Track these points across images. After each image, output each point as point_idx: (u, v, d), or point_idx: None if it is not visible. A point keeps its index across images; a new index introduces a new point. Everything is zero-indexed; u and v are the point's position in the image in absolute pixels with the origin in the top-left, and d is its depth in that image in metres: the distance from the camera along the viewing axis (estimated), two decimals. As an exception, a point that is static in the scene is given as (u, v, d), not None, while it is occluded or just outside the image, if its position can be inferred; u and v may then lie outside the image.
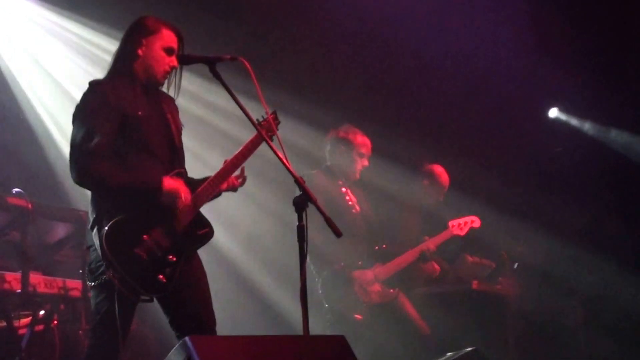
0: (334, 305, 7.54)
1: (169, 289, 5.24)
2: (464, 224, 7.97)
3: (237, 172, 5.62)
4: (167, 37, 5.51)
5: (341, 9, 9.42)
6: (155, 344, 6.86)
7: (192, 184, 5.49)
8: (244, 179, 5.68)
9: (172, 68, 5.54)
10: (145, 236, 5.20)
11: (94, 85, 5.46)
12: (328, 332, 7.27)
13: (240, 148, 5.59)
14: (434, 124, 9.56)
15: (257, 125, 5.21)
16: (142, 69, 5.50)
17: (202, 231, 5.45)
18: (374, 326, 7.46)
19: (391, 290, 7.72)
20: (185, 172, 5.54)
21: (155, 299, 5.34)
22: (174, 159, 5.55)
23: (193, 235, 5.42)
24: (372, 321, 7.51)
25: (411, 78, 9.76)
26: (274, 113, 5.66)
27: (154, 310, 5.69)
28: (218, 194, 5.60)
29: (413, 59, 9.66)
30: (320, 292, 7.56)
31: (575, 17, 9.24)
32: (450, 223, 7.99)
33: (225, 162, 5.55)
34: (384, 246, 7.85)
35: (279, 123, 5.75)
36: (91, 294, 5.40)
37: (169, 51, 5.50)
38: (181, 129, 5.68)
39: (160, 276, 5.20)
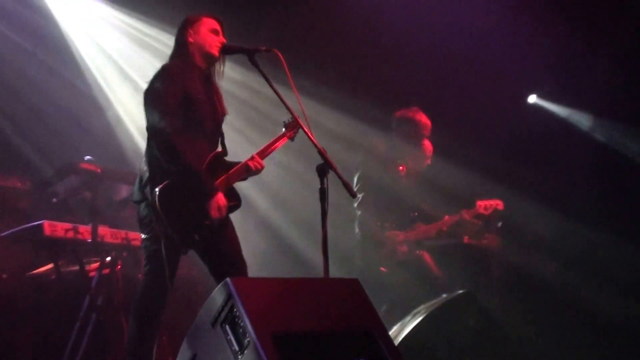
0: (364, 256, 7.54)
1: (202, 247, 5.32)
2: (490, 205, 7.88)
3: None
4: (209, 22, 5.59)
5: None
6: (202, 286, 6.88)
7: (227, 165, 5.55)
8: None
9: (222, 43, 5.55)
10: (189, 200, 5.25)
11: (165, 69, 5.50)
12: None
13: (267, 143, 5.69)
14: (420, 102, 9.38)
15: (291, 109, 5.25)
16: (197, 52, 5.54)
17: (233, 203, 5.50)
18: (395, 279, 7.47)
19: (417, 252, 7.72)
20: (225, 153, 5.59)
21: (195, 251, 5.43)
22: (217, 139, 5.61)
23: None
24: (394, 274, 7.52)
25: (397, 61, 9.53)
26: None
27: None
28: (245, 178, 5.63)
29: (396, 45, 9.40)
30: (357, 241, 7.56)
31: (554, 5, 9.02)
32: (478, 202, 7.92)
33: (253, 155, 5.60)
34: (416, 213, 7.82)
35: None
36: (142, 244, 5.48)
37: (214, 32, 5.56)
38: (225, 114, 5.72)
39: (196, 236, 5.27)
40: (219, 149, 5.58)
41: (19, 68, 8.71)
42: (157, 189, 5.15)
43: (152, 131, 5.33)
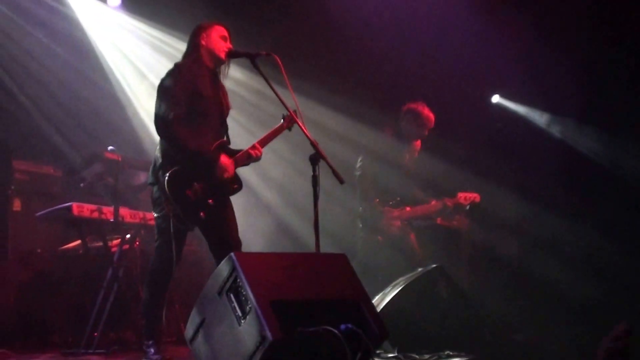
0: (365, 226, 7.52)
1: (206, 224, 5.31)
2: (468, 197, 7.85)
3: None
4: (219, 29, 5.57)
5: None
6: (208, 261, 6.87)
7: (231, 152, 5.55)
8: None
9: (229, 49, 5.54)
10: (195, 183, 5.25)
11: (177, 66, 5.49)
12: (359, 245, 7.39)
13: (267, 132, 5.67)
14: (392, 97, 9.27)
15: (287, 106, 5.24)
16: (207, 54, 5.52)
17: (235, 186, 5.53)
18: (386, 249, 7.49)
19: (408, 229, 7.70)
20: (228, 142, 5.59)
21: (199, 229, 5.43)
22: (222, 130, 5.60)
23: (228, 188, 5.49)
24: (387, 244, 7.53)
25: (374, 60, 9.38)
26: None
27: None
28: (247, 163, 5.62)
29: (367, 41, 9.22)
30: (359, 213, 7.54)
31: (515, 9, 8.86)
32: (459, 193, 7.90)
33: (254, 144, 5.59)
34: (417, 194, 7.81)
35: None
36: (155, 222, 5.46)
37: (223, 38, 5.54)
38: (229, 109, 5.71)
39: (202, 213, 5.26)
40: (223, 139, 5.58)
41: (53, 70, 8.69)
42: (167, 174, 5.16)
43: (157, 119, 5.33)
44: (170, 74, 5.44)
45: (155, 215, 5.42)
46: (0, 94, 8.44)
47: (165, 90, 5.34)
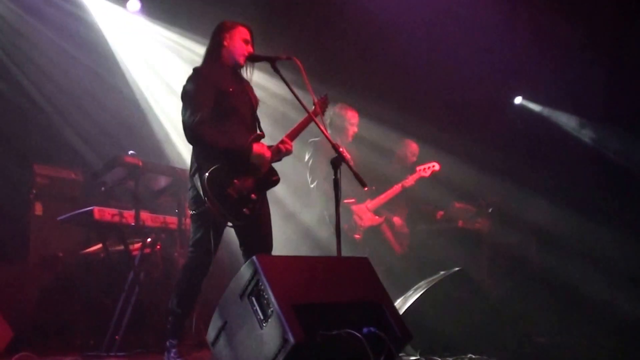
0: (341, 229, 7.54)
1: (250, 219, 5.30)
2: (428, 168, 7.97)
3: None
4: (243, 32, 5.56)
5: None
6: (229, 265, 6.88)
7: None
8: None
9: (250, 53, 5.54)
10: (235, 180, 5.25)
11: (196, 70, 5.50)
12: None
13: (295, 126, 5.66)
14: (419, 102, 9.28)
15: (306, 108, 5.22)
16: (228, 55, 5.52)
17: (274, 178, 5.52)
18: (369, 244, 7.51)
19: (377, 217, 7.78)
20: (263, 135, 5.56)
21: (233, 228, 5.40)
22: (255, 124, 5.60)
23: (268, 180, 5.48)
24: (367, 240, 7.57)
25: (399, 62, 9.43)
26: (325, 96, 5.79)
27: (229, 239, 5.74)
28: (279, 159, 5.59)
29: (389, 41, 9.31)
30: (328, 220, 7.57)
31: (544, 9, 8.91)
32: (417, 167, 8.01)
33: (283, 138, 5.58)
34: (373, 187, 7.84)
35: (326, 105, 5.82)
36: (191, 219, 5.46)
37: (245, 41, 5.54)
38: (258, 102, 5.71)
39: (245, 209, 5.26)
40: (258, 132, 5.56)
41: (74, 76, 8.75)
42: (206, 174, 5.16)
43: (184, 127, 5.33)
44: (190, 79, 5.44)
45: (192, 212, 5.40)
46: (20, 99, 8.50)
47: (187, 96, 5.35)
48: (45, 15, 8.52)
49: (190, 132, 5.24)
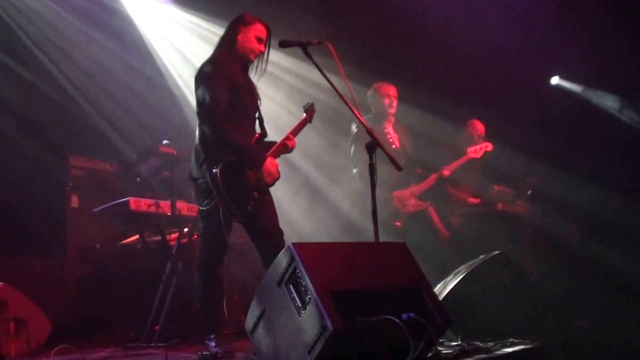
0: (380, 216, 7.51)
1: (253, 215, 5.32)
2: (480, 148, 7.92)
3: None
4: (259, 29, 5.61)
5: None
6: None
7: (267, 145, 5.61)
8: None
9: (260, 53, 5.62)
10: (242, 176, 5.29)
11: (213, 59, 5.52)
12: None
13: (298, 122, 5.83)
14: (462, 85, 9.20)
15: (339, 92, 5.18)
16: (240, 50, 5.57)
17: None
18: (410, 231, 7.47)
19: (422, 203, 7.73)
20: (265, 134, 5.63)
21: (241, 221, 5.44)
22: (256, 121, 5.65)
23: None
24: (408, 227, 7.53)
25: (432, 43, 9.35)
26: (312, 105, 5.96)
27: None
28: (284, 153, 5.69)
29: (421, 21, 9.18)
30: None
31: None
32: (468, 149, 7.94)
33: (288, 135, 5.69)
34: (418, 171, 7.80)
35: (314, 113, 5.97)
36: (199, 214, 5.53)
37: (259, 39, 5.58)
38: (260, 100, 5.74)
39: (249, 207, 5.29)
40: (260, 131, 5.63)
41: (107, 67, 8.83)
42: (217, 169, 5.20)
43: (202, 111, 5.37)
44: (207, 64, 5.49)
45: (200, 207, 5.44)
46: (55, 92, 8.58)
47: (206, 82, 5.38)
48: (77, 7, 8.58)
49: (214, 121, 5.28)
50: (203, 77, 5.41)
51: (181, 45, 9.24)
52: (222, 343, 5.44)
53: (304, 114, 5.87)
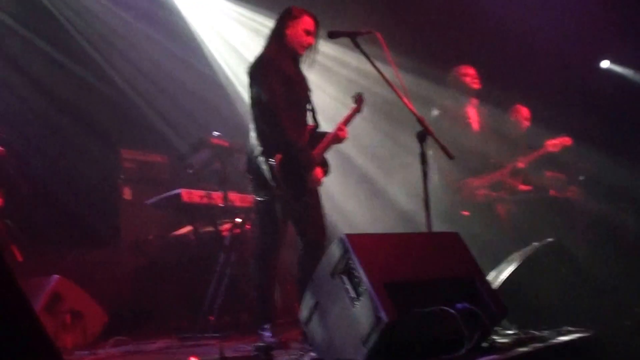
0: (446, 202, 7.47)
1: (308, 207, 5.38)
2: (558, 143, 7.80)
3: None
4: (307, 22, 5.60)
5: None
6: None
7: (319, 136, 5.63)
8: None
9: (310, 45, 5.61)
10: (298, 170, 5.34)
11: (264, 56, 5.55)
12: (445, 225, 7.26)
13: (346, 115, 5.75)
14: (501, 68, 9.09)
15: (390, 82, 5.17)
16: (289, 44, 5.57)
17: (325, 169, 5.60)
18: (476, 220, 7.43)
19: (492, 193, 7.66)
20: (317, 126, 5.65)
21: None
22: (307, 114, 5.65)
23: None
24: (476, 216, 7.48)
25: (478, 26, 9.21)
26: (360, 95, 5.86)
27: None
28: (335, 144, 5.69)
29: (467, 5, 9.11)
30: (440, 194, 7.50)
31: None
32: (546, 142, 7.82)
33: (340, 125, 5.67)
34: (492, 160, 7.73)
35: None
36: (256, 206, 5.59)
37: (307, 32, 5.58)
38: (311, 91, 5.76)
39: (305, 198, 5.35)
40: (313, 123, 5.64)
41: (156, 59, 8.88)
42: (274, 161, 5.23)
43: (259, 109, 5.41)
44: (260, 60, 5.53)
45: (257, 199, 5.49)
46: (105, 85, 8.67)
47: (261, 80, 5.42)
48: (128, 3, 8.65)
49: (271, 114, 5.32)
50: (256, 75, 5.45)
51: (230, 37, 9.26)
52: (277, 333, 5.48)
53: (354, 104, 5.83)
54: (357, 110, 5.83)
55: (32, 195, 7.74)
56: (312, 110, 5.66)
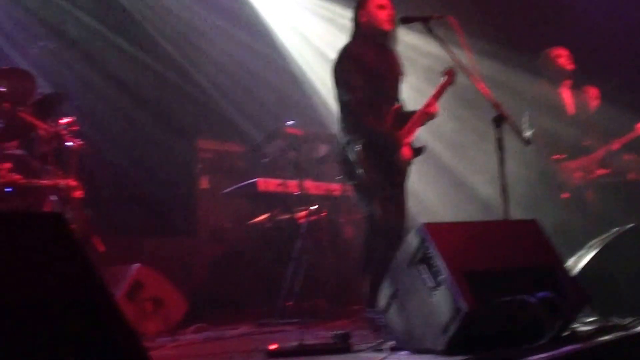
0: (548, 185, 7.41)
1: (389, 196, 5.38)
2: None
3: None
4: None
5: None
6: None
7: (406, 115, 5.57)
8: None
9: (390, 17, 5.51)
10: (381, 154, 5.35)
11: (345, 50, 5.56)
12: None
13: (436, 89, 5.61)
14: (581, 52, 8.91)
15: (464, 66, 5.11)
16: (369, 29, 5.56)
17: (417, 149, 5.57)
18: (580, 199, 7.37)
19: (589, 176, 7.55)
20: (403, 106, 5.61)
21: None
22: (396, 98, 5.63)
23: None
24: (577, 196, 7.41)
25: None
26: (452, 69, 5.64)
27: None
28: (424, 123, 5.61)
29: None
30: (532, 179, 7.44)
31: None
32: (637, 125, 7.66)
33: (430, 100, 5.56)
34: (588, 142, 7.61)
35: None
36: (355, 194, 5.60)
37: (380, 7, 5.53)
38: (403, 75, 5.70)
39: (391, 186, 5.37)
40: (398, 104, 5.61)
41: (230, 51, 8.95)
42: (359, 147, 5.28)
43: (340, 105, 5.47)
44: (340, 58, 5.54)
45: (353, 183, 5.52)
46: (182, 79, 8.78)
47: (340, 77, 5.47)
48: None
49: (352, 116, 5.39)
50: (337, 74, 5.49)
51: (302, 27, 9.28)
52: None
53: (444, 78, 5.61)
54: (448, 83, 5.61)
55: (112, 186, 7.91)
56: (400, 94, 5.65)
